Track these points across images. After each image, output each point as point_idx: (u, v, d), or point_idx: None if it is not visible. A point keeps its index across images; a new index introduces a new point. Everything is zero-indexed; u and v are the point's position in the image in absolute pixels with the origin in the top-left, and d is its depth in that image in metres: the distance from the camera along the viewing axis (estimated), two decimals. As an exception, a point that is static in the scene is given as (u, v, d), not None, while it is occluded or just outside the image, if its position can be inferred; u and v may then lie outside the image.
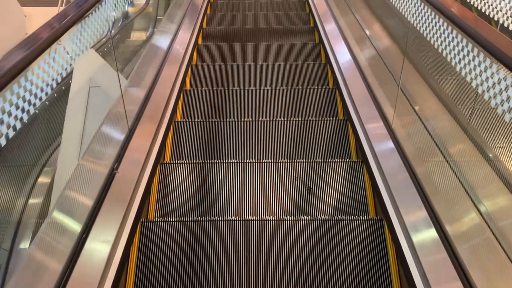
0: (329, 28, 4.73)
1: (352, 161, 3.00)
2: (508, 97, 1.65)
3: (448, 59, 2.20)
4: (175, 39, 4.37)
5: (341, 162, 2.97)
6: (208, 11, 6.07)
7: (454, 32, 2.14)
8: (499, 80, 1.73)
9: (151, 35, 5.36)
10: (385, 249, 2.35)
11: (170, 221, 2.48)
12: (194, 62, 4.71)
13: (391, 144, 2.67)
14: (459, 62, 2.08)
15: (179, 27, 4.66)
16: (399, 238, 2.18)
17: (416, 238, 2.10)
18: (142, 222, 2.46)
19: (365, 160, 2.87)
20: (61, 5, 8.15)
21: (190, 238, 2.43)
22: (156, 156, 2.86)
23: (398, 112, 2.70)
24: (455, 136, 2.36)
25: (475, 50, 1.94)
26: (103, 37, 2.69)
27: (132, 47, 5.04)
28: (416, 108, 2.61)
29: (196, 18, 5.26)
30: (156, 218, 2.58)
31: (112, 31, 3.34)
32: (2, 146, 1.53)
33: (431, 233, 2.02)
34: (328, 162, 2.97)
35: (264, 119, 3.47)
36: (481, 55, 1.88)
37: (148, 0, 5.55)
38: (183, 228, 2.46)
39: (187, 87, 4.23)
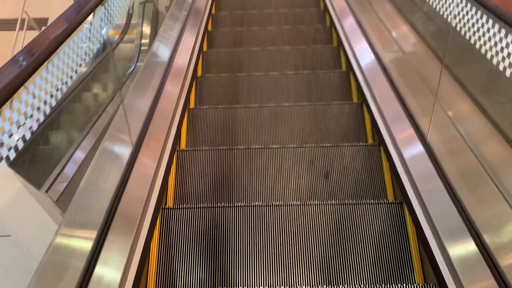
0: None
1: (368, 145, 2.98)
2: None
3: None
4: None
5: (359, 146, 2.95)
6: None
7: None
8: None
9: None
10: (405, 232, 2.34)
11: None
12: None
13: (408, 126, 2.63)
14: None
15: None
16: (420, 221, 2.16)
17: (438, 220, 2.08)
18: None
19: (382, 143, 2.84)
20: (21, 29, 6.25)
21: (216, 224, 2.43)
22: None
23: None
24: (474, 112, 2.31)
25: None
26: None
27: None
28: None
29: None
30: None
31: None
32: None
33: (454, 216, 2.00)
34: (347, 146, 2.95)
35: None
36: None
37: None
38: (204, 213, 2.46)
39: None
